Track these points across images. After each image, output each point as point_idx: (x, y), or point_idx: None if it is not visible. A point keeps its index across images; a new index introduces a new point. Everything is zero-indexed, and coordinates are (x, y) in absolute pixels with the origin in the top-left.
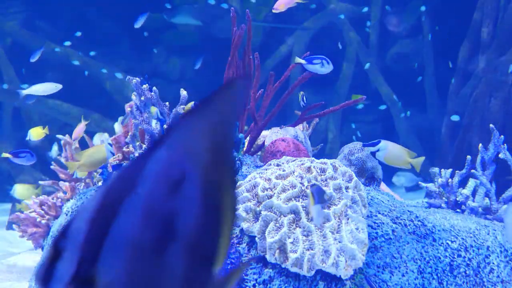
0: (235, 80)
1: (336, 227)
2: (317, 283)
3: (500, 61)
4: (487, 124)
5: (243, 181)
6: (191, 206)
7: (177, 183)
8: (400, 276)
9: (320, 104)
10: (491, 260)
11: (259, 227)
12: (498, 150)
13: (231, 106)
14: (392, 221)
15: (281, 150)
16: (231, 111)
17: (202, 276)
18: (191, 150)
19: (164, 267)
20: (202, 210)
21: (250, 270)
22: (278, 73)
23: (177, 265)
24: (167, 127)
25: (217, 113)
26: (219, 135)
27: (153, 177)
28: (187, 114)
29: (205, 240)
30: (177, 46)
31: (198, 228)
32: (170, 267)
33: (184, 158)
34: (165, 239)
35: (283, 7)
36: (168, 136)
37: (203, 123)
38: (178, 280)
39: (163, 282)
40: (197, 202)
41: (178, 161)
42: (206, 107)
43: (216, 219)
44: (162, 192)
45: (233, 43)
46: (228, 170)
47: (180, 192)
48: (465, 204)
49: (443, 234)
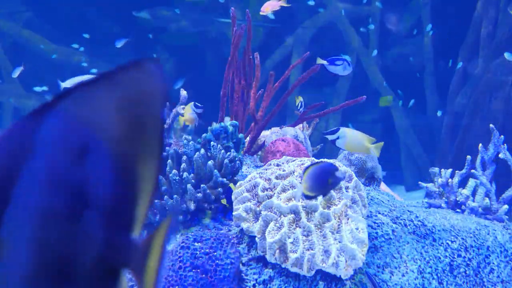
0: (140, 61)
1: (336, 227)
2: (317, 283)
3: (500, 61)
4: (487, 124)
5: (243, 181)
6: (102, 176)
7: (81, 152)
8: (400, 276)
9: (320, 104)
10: (491, 260)
11: (259, 227)
12: (498, 150)
13: (142, 86)
14: (392, 221)
15: (281, 150)
16: (143, 91)
17: (120, 241)
18: (94, 121)
19: (81, 234)
20: (115, 180)
21: (250, 270)
22: (278, 73)
23: (94, 231)
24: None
25: (123, 90)
26: (134, 111)
27: (52, 143)
28: (84, 86)
29: (121, 208)
30: (177, 46)
31: (112, 196)
32: (87, 234)
33: (87, 128)
34: (78, 206)
35: (268, 9)
36: (62, 103)
37: (106, 97)
38: (95, 246)
39: (80, 247)
40: (108, 172)
41: (78, 129)
42: (106, 82)
43: (132, 188)
44: (65, 159)
45: (233, 43)
46: (148, 144)
47: (87, 161)
48: (465, 204)
49: (443, 234)
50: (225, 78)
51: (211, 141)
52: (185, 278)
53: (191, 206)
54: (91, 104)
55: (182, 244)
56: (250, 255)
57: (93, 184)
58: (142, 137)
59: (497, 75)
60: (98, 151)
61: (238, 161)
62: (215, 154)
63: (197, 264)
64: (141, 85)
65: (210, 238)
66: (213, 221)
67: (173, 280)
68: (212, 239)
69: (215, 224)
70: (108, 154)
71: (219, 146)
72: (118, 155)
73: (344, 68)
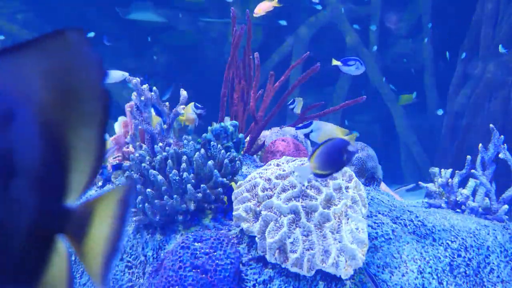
0: (62, 29)
1: (336, 227)
2: (317, 283)
3: (500, 61)
4: (487, 124)
5: (243, 181)
6: (29, 144)
7: (5, 120)
8: (400, 276)
9: (320, 104)
10: (491, 260)
11: (259, 227)
12: (498, 150)
13: (67, 53)
14: (392, 221)
15: (281, 150)
16: (68, 58)
17: (51, 208)
18: (17, 88)
19: (9, 201)
20: (44, 148)
21: (250, 270)
22: (278, 73)
23: (23, 198)
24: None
25: (47, 57)
26: (61, 79)
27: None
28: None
29: (52, 175)
30: (177, 46)
31: (41, 164)
32: (16, 201)
33: (10, 96)
34: (5, 174)
35: (261, 11)
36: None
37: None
38: (26, 213)
39: (9, 215)
40: (36, 140)
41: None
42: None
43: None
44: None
45: (233, 43)
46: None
47: (12, 129)
48: (465, 204)
49: (443, 234)
50: (225, 78)
51: (211, 141)
52: (185, 278)
53: (191, 206)
54: (13, 72)
55: (182, 244)
56: (250, 255)
57: (20, 152)
58: (73, 105)
59: (497, 75)
60: (23, 119)
61: (238, 161)
62: (215, 154)
63: (197, 264)
64: (65, 52)
65: (210, 238)
66: (213, 221)
67: (173, 280)
68: (212, 239)
69: (215, 224)
70: (35, 122)
71: (219, 146)
72: (46, 123)
73: (357, 68)
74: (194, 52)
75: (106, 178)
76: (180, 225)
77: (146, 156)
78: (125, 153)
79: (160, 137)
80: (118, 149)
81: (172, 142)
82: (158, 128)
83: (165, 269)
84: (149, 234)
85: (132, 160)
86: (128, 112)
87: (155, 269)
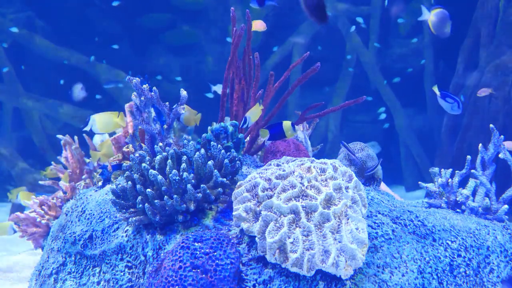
0: None
1: (336, 227)
2: (317, 283)
3: (500, 61)
4: (487, 124)
5: (243, 181)
6: None
7: None
8: (400, 276)
9: (320, 104)
10: (491, 260)
11: (259, 227)
12: (498, 150)
13: None
14: (392, 221)
15: (281, 150)
16: None
17: None
18: None
19: None
20: None
21: (250, 270)
22: (278, 73)
23: None
24: None
25: None
26: None
27: None
28: None
29: None
30: (177, 46)
31: None
32: None
33: None
34: None
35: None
36: None
37: None
38: None
39: None
40: None
41: None
42: None
43: None
44: None
45: (233, 43)
46: None
47: None
48: (465, 204)
49: (443, 234)
50: (225, 78)
51: (211, 141)
52: (185, 278)
53: (191, 206)
54: None
55: (182, 244)
56: (250, 255)
57: None
58: None
59: (497, 75)
60: None
61: (238, 161)
62: (215, 154)
63: (197, 264)
64: None
65: (210, 238)
66: (213, 221)
67: (173, 280)
68: (212, 239)
69: (215, 224)
70: None
71: (219, 146)
72: None
73: (452, 108)
74: (194, 52)
75: (106, 178)
76: (180, 225)
77: (146, 156)
78: (125, 153)
79: (160, 137)
80: (118, 149)
81: (172, 142)
82: (158, 128)
83: (165, 269)
84: (149, 234)
85: (132, 160)
86: (128, 112)
87: (155, 269)
